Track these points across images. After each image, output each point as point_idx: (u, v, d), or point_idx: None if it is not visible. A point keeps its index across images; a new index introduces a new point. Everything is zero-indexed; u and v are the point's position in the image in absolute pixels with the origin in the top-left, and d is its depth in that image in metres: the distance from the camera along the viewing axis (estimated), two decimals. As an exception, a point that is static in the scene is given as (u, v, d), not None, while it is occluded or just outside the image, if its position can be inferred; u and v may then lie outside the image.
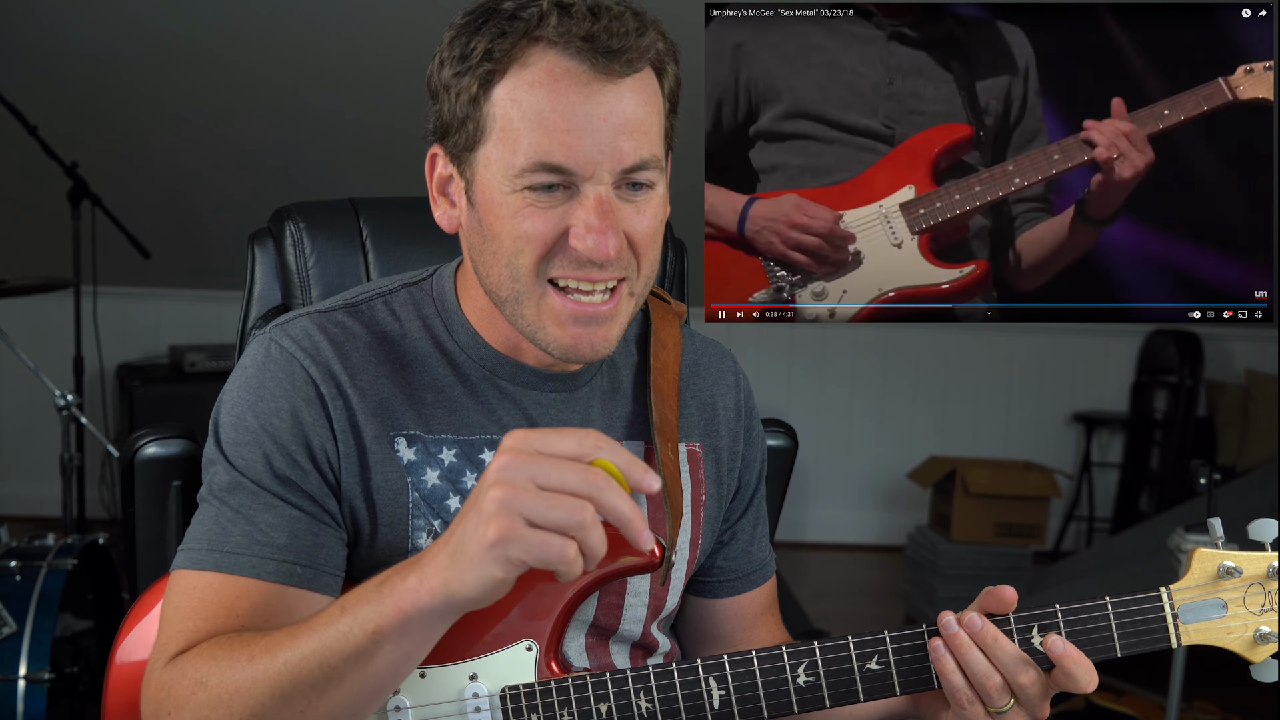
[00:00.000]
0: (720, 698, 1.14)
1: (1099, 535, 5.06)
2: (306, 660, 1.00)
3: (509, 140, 1.09)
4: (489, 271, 1.15)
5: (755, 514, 1.40)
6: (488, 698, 1.16)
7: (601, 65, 1.07)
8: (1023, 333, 5.17)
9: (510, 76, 1.09)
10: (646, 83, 1.11)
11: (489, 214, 1.13)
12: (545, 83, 1.08)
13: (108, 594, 2.81)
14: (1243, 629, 1.13)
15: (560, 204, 1.10)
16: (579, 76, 1.07)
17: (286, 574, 1.12)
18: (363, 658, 0.99)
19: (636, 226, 1.12)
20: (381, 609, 0.97)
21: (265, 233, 1.55)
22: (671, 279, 1.61)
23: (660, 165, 1.14)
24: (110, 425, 4.53)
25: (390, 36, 3.86)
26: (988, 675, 1.10)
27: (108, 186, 3.84)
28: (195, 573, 1.13)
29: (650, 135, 1.11)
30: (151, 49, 3.97)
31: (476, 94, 1.10)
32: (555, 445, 0.93)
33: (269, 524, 1.13)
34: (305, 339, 1.19)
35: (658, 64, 1.13)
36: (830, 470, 5.20)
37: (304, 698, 1.01)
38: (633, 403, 1.29)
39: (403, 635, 0.97)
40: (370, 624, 0.98)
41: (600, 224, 1.09)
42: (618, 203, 1.11)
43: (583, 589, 1.19)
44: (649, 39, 1.10)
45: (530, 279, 1.12)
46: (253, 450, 1.15)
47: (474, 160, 1.13)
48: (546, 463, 0.92)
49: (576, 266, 1.11)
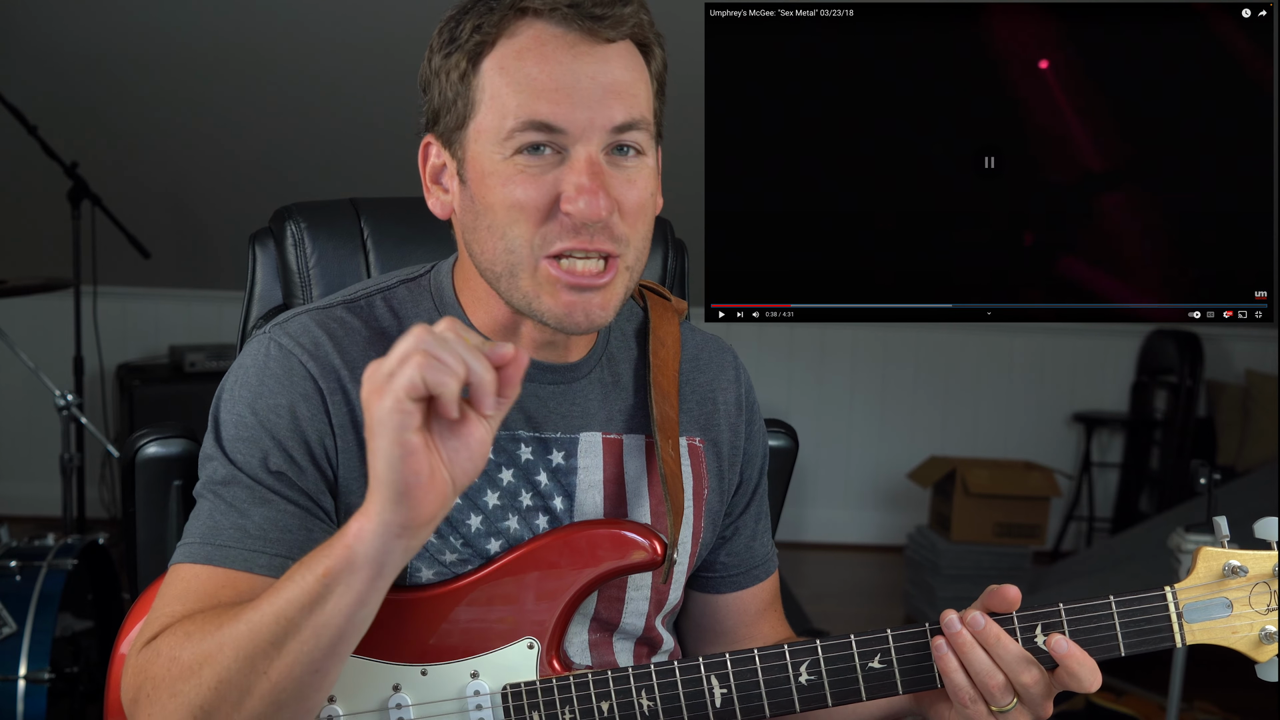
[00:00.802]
0: (722, 696, 1.14)
1: (1099, 535, 5.06)
2: (265, 617, 1.00)
3: (498, 106, 1.11)
4: (484, 248, 1.16)
5: (757, 509, 1.40)
6: (489, 695, 1.16)
7: (587, 28, 1.10)
8: (1023, 333, 5.17)
9: (499, 48, 1.12)
10: (631, 52, 1.14)
11: (481, 187, 1.14)
12: (533, 48, 1.10)
13: (108, 594, 2.81)
14: (1248, 628, 1.12)
15: (551, 169, 1.11)
16: (565, 40, 1.10)
17: (278, 568, 1.12)
18: (315, 603, 0.97)
19: (627, 196, 1.13)
20: (330, 551, 0.97)
21: (266, 232, 1.55)
22: (672, 279, 1.61)
23: (649, 129, 1.15)
24: (110, 425, 4.53)
25: (390, 37, 3.86)
26: (990, 674, 1.10)
27: (108, 186, 3.84)
28: (189, 566, 1.14)
29: (638, 99, 1.13)
30: (152, 49, 3.97)
31: (466, 69, 1.13)
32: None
33: (263, 517, 1.14)
34: (305, 335, 1.19)
35: (641, 39, 1.15)
36: (830, 470, 5.20)
37: (265, 657, 1.00)
38: (633, 396, 1.29)
39: (351, 573, 0.96)
40: (320, 567, 0.97)
41: (591, 184, 1.10)
42: (607, 168, 1.12)
43: (584, 586, 1.19)
44: (631, 9, 1.13)
45: (526, 250, 1.12)
46: (251, 446, 1.15)
47: (465, 137, 1.15)
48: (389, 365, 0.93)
49: (572, 234, 1.11)
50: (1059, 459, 5.10)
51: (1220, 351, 5.16)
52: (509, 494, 1.22)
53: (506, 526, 1.22)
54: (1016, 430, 5.21)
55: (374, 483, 0.94)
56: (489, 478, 1.21)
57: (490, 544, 1.21)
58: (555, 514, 1.23)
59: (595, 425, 1.26)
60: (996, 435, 5.19)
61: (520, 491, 1.22)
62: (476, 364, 0.92)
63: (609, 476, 1.26)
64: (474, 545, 1.21)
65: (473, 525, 1.21)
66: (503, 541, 1.21)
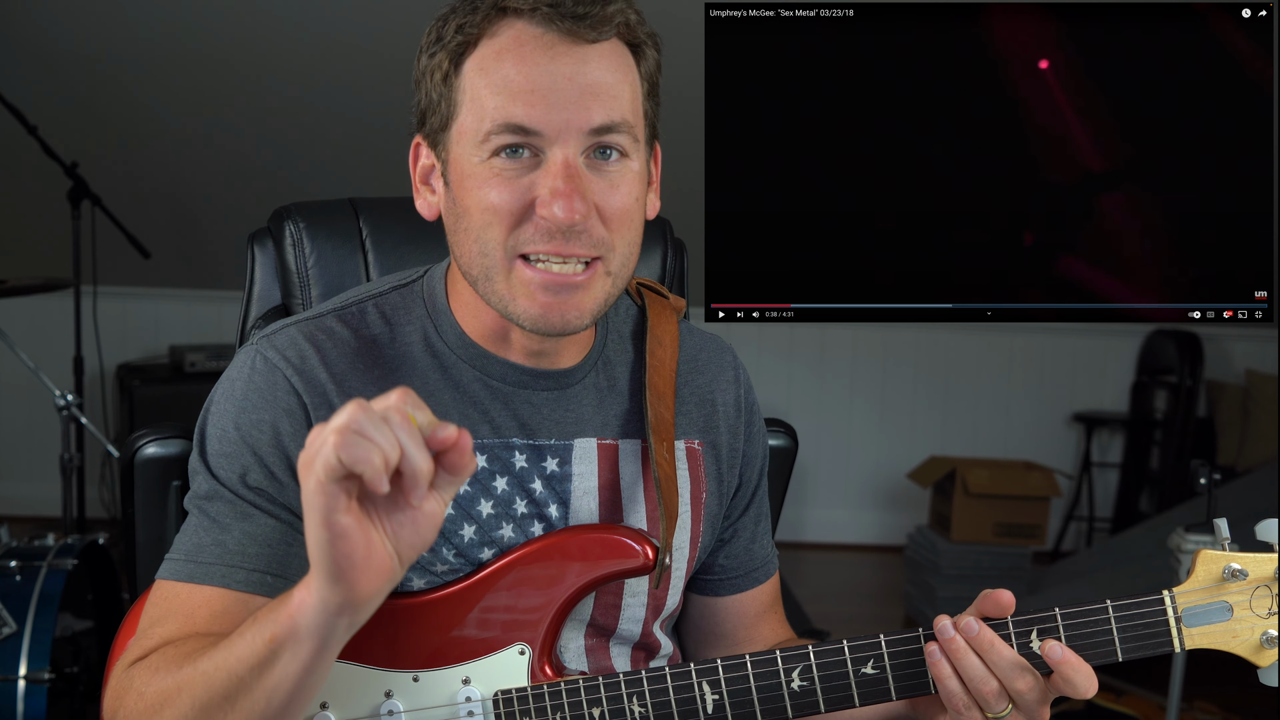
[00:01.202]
0: (714, 702, 1.13)
1: (1099, 535, 5.06)
2: (219, 670, 0.99)
3: (476, 108, 1.10)
4: (462, 250, 1.15)
5: (757, 511, 1.39)
6: (480, 702, 1.15)
7: (567, 28, 1.08)
8: (1023, 333, 5.16)
9: (480, 49, 1.11)
10: (617, 52, 1.12)
11: (460, 189, 1.13)
12: (511, 49, 1.09)
13: (108, 594, 2.81)
14: (1248, 633, 1.10)
15: (527, 173, 1.10)
16: (544, 40, 1.09)
17: (256, 583, 1.12)
18: (264, 666, 0.96)
19: (608, 201, 1.11)
20: (276, 617, 0.95)
21: (265, 233, 1.54)
22: (671, 279, 1.61)
23: (633, 133, 1.12)
24: (110, 425, 4.53)
25: (389, 37, 3.85)
26: (984, 680, 1.09)
27: (108, 186, 3.84)
28: (171, 583, 1.14)
29: (620, 101, 1.11)
30: (152, 49, 3.97)
31: (448, 70, 1.12)
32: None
33: (242, 532, 1.14)
34: (291, 349, 1.19)
35: (629, 38, 1.13)
36: (830, 470, 5.19)
37: (219, 709, 0.99)
38: (629, 400, 1.28)
39: (296, 643, 0.94)
40: (267, 632, 0.96)
41: (565, 187, 1.08)
42: (586, 172, 1.10)
43: (575, 592, 1.19)
44: (615, 7, 1.11)
45: (499, 252, 1.11)
46: (231, 461, 1.15)
47: (448, 139, 1.14)
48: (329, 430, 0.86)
49: (547, 238, 1.10)
50: (1059, 459, 5.10)
51: (1220, 351, 5.15)
52: (503, 502, 1.21)
53: (501, 535, 1.21)
54: (1016, 430, 5.21)
55: (310, 559, 0.89)
56: (483, 486, 1.21)
57: (484, 553, 1.20)
58: (550, 521, 1.23)
59: (590, 431, 1.25)
60: (996, 435, 5.19)
61: (515, 499, 1.22)
62: (411, 446, 0.85)
63: (604, 482, 1.25)
64: (467, 555, 1.20)
65: (466, 535, 1.20)
66: (496, 550, 1.21)
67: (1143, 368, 5.14)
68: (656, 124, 1.18)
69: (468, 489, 1.20)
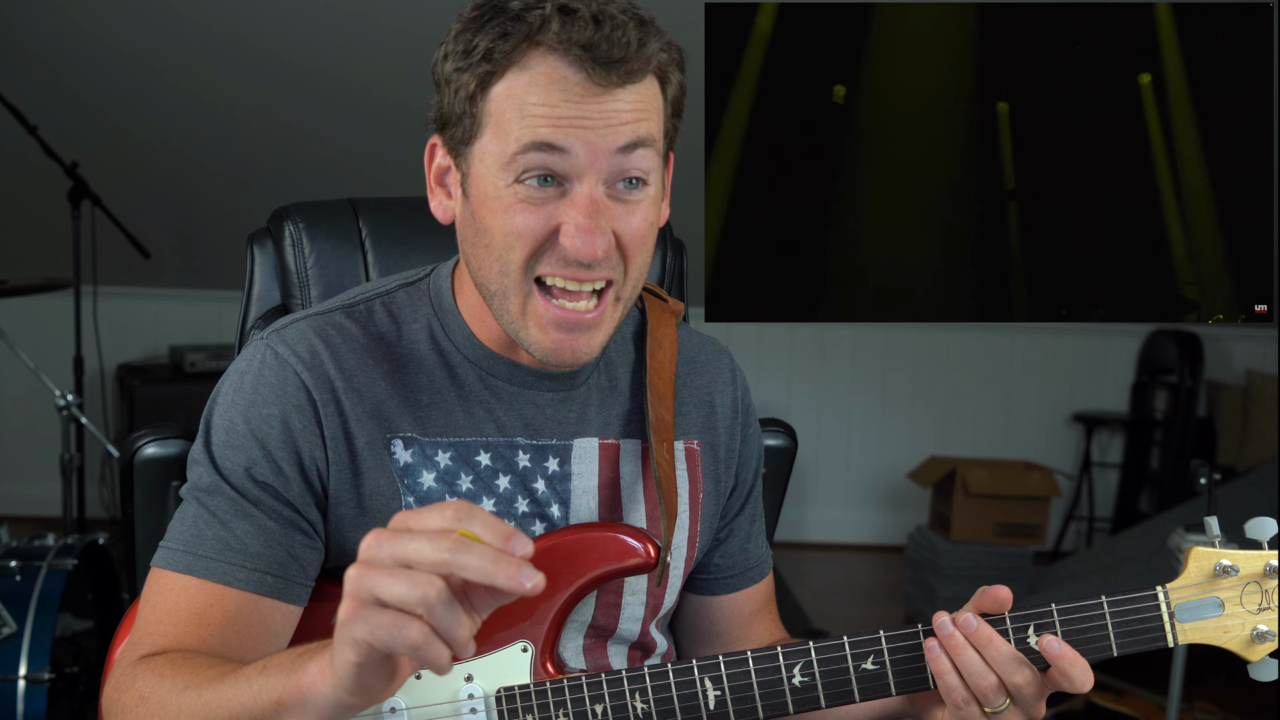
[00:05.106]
0: (715, 698, 1.14)
1: (1099, 535, 5.06)
2: (221, 708, 0.99)
3: (502, 132, 1.09)
4: (480, 265, 1.16)
5: (752, 511, 1.40)
6: (483, 699, 1.16)
7: (599, 76, 1.07)
8: (1023, 333, 5.17)
9: (508, 77, 1.09)
10: (646, 88, 1.11)
11: (482, 207, 1.13)
12: (542, 86, 1.08)
13: (108, 594, 2.81)
14: (1240, 628, 1.12)
15: (552, 201, 1.10)
16: (575, 85, 1.07)
17: (257, 583, 1.13)
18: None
19: (627, 227, 1.12)
20: (286, 682, 0.95)
21: (264, 233, 1.55)
22: (671, 279, 1.61)
23: (657, 147, 1.13)
24: (110, 425, 4.53)
25: (389, 37, 3.86)
26: (983, 675, 1.10)
27: (108, 186, 3.84)
28: (171, 574, 1.14)
29: (646, 124, 1.10)
30: (151, 49, 3.97)
31: (474, 91, 1.10)
32: (423, 520, 0.85)
33: (243, 530, 1.14)
34: (301, 344, 1.19)
35: (660, 73, 1.12)
36: (830, 470, 5.20)
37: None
38: (629, 400, 1.29)
39: (301, 712, 0.95)
40: (275, 693, 0.96)
41: (589, 224, 1.09)
42: (608, 202, 1.10)
43: (578, 590, 1.19)
44: (650, 49, 1.09)
45: (519, 275, 1.12)
46: (238, 455, 1.16)
47: (470, 154, 1.14)
48: (404, 537, 0.84)
49: (564, 265, 1.11)
50: (1059, 459, 5.10)
51: (1220, 351, 5.16)
52: (506, 501, 1.22)
53: None
54: (1016, 430, 5.21)
55: (334, 665, 0.89)
56: (486, 485, 1.22)
57: None
58: (552, 521, 1.24)
59: (591, 431, 1.26)
60: (996, 435, 5.19)
61: (517, 498, 1.23)
62: (445, 618, 0.82)
63: (604, 482, 1.26)
64: None
65: None
66: None
67: (1143, 368, 5.14)
68: (675, 139, 1.18)
69: (471, 488, 1.21)
